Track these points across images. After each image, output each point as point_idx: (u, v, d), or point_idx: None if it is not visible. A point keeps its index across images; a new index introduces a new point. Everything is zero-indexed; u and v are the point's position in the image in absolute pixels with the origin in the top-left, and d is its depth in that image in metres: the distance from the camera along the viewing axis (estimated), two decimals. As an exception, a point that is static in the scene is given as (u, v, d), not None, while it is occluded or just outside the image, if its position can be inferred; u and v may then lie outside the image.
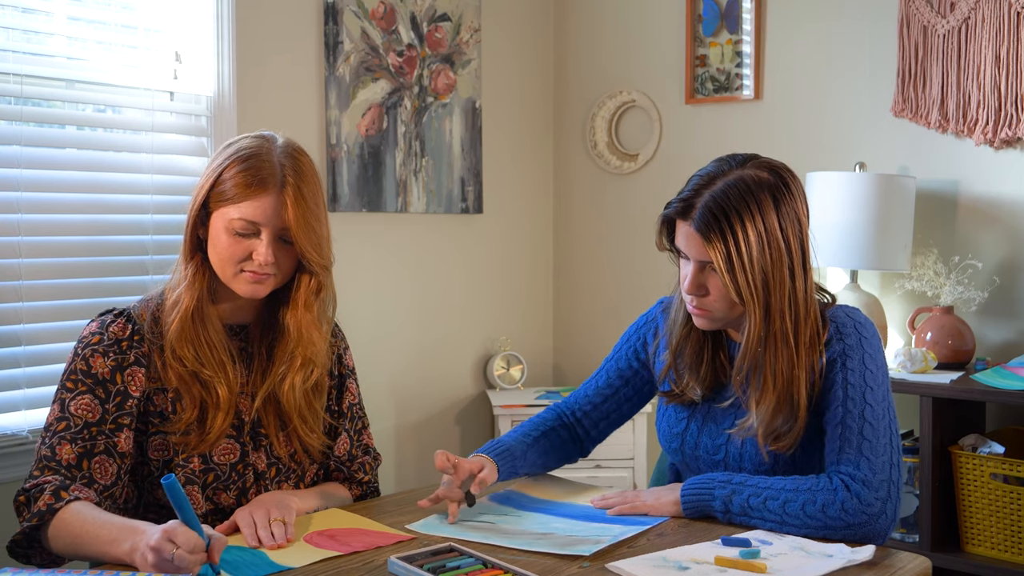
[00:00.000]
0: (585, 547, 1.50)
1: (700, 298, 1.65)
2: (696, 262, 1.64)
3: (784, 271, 1.60)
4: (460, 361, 3.41)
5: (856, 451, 1.58)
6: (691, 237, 1.62)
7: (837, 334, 1.67)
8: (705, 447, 1.75)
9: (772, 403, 1.62)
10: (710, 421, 1.75)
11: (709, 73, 3.30)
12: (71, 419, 1.59)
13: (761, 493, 1.60)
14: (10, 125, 2.26)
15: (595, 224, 3.61)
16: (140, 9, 2.52)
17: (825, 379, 1.65)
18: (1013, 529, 2.51)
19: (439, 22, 3.22)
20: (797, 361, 1.62)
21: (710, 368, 1.74)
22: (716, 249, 1.58)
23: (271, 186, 1.63)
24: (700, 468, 1.78)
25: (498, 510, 1.73)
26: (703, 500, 1.65)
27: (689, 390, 1.76)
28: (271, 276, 1.67)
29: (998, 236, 2.83)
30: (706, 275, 1.64)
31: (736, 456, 1.71)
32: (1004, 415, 2.81)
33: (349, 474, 1.84)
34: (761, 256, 1.58)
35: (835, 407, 1.62)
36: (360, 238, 3.05)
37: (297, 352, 1.72)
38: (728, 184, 1.61)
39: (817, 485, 1.57)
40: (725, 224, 1.58)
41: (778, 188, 1.62)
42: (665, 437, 1.83)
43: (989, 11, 2.75)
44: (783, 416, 1.63)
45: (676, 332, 1.77)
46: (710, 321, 1.68)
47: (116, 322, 1.66)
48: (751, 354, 1.63)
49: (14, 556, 1.56)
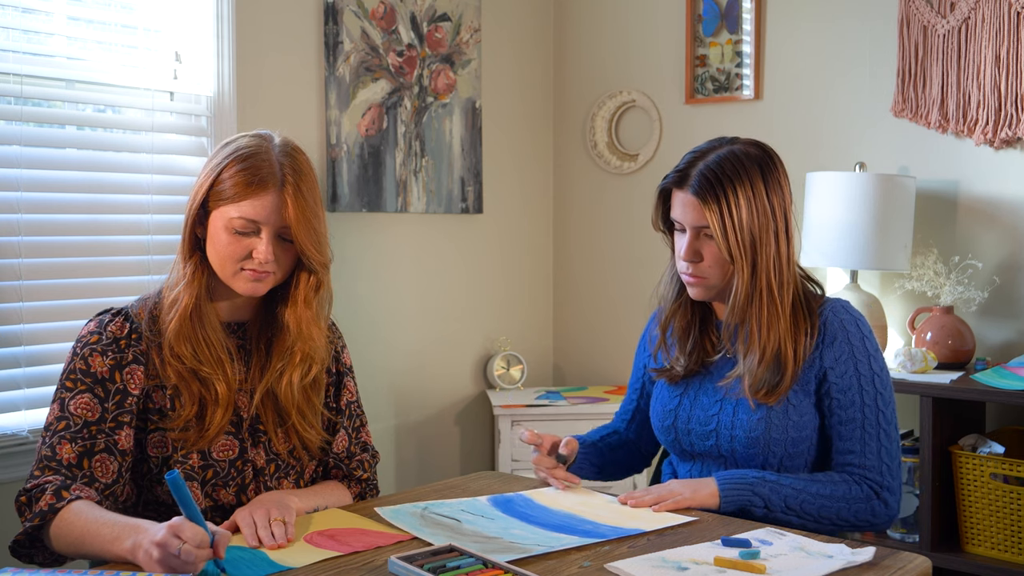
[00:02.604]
0: (512, 553, 1.46)
1: (695, 264, 1.78)
2: (692, 229, 1.77)
3: (770, 235, 1.75)
4: (460, 361, 3.41)
5: (877, 456, 1.74)
6: (688, 204, 1.76)
7: (842, 330, 1.78)
8: (697, 419, 1.84)
9: (758, 354, 1.76)
10: (702, 395, 1.86)
11: (709, 73, 3.30)
12: (71, 418, 1.60)
13: (799, 495, 1.71)
14: (10, 125, 2.26)
15: (595, 224, 3.61)
16: (140, 9, 2.52)
17: (837, 374, 1.77)
18: (1013, 529, 2.51)
19: (439, 22, 3.22)
20: (781, 316, 1.76)
21: (698, 344, 1.87)
22: (711, 211, 1.73)
23: (271, 185, 1.63)
24: (692, 443, 1.86)
25: (480, 510, 1.72)
26: (743, 496, 1.71)
27: (675, 362, 1.88)
28: (270, 274, 1.67)
29: (998, 236, 2.83)
30: (701, 242, 1.77)
31: (728, 424, 1.80)
32: (1004, 415, 2.81)
33: (348, 472, 1.84)
34: (750, 219, 1.73)
35: (852, 410, 1.76)
36: (360, 238, 3.05)
37: (296, 348, 1.72)
38: (720, 156, 1.77)
39: (850, 493, 1.72)
40: (719, 189, 1.73)
41: (764, 162, 1.78)
42: (658, 417, 1.91)
43: (989, 11, 2.75)
44: (770, 369, 1.76)
45: (666, 308, 1.92)
46: (704, 289, 1.80)
47: (114, 321, 1.67)
48: (740, 308, 1.77)
49: (17, 556, 1.56)
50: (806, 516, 1.70)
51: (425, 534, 1.56)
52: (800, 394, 1.77)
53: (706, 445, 1.83)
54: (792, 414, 1.76)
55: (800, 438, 1.77)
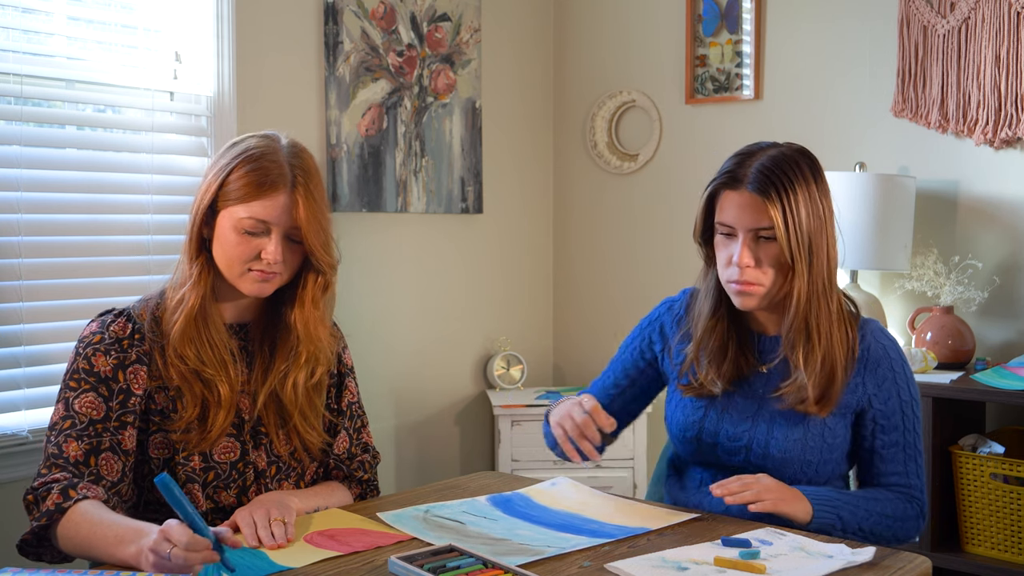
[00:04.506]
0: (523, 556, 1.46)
1: (751, 270, 1.68)
2: (748, 232, 1.68)
3: (823, 238, 1.70)
4: (460, 361, 3.41)
5: (917, 476, 1.76)
6: (746, 204, 1.68)
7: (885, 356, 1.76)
8: (726, 434, 1.77)
9: (819, 360, 1.70)
10: (731, 409, 1.78)
11: (709, 73, 3.30)
12: (76, 417, 1.60)
13: (869, 517, 1.69)
14: (10, 125, 2.26)
15: (595, 224, 3.61)
16: (140, 9, 2.52)
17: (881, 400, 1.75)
18: (1013, 529, 2.51)
19: (439, 22, 3.22)
20: (835, 321, 1.71)
21: (733, 363, 1.78)
22: (775, 208, 1.64)
23: (281, 186, 1.64)
24: (717, 456, 1.78)
25: (482, 511, 1.72)
26: (830, 518, 1.65)
27: (709, 383, 1.78)
28: (277, 275, 1.68)
29: (998, 236, 2.83)
30: (758, 245, 1.69)
31: (762, 442, 1.74)
32: (1004, 415, 2.81)
33: (349, 472, 1.84)
34: (808, 220, 1.67)
35: (896, 434, 1.75)
36: (360, 238, 3.05)
37: (301, 349, 1.72)
38: (773, 156, 1.70)
39: (905, 512, 1.73)
40: (780, 186, 1.65)
41: (813, 164, 1.73)
42: (679, 426, 1.83)
43: (989, 11, 2.75)
44: (828, 376, 1.70)
45: (701, 324, 1.81)
46: (757, 298, 1.71)
47: (116, 321, 1.67)
48: (801, 314, 1.69)
49: (24, 555, 1.55)
50: (870, 535, 1.68)
51: (430, 537, 1.56)
52: (837, 416, 1.74)
53: (734, 460, 1.77)
54: (827, 436, 1.73)
55: (831, 459, 1.75)
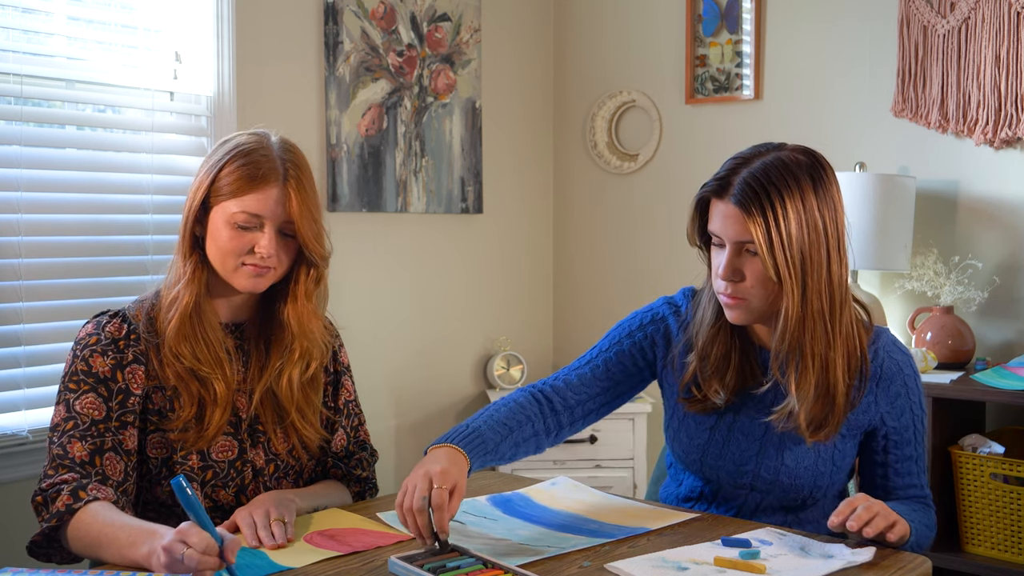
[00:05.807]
0: (523, 556, 1.46)
1: (736, 284, 1.60)
2: (733, 244, 1.59)
3: (821, 253, 1.58)
4: (460, 361, 3.41)
5: (927, 484, 1.76)
6: (729, 215, 1.58)
7: (899, 373, 1.70)
8: (732, 458, 1.70)
9: (812, 386, 1.61)
10: (736, 431, 1.71)
11: (709, 73, 3.30)
12: (78, 417, 1.59)
13: (919, 529, 1.64)
14: (10, 125, 2.26)
15: (595, 224, 3.61)
16: (140, 9, 2.52)
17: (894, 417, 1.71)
18: (1013, 529, 2.51)
19: (439, 22, 3.22)
20: (833, 344, 1.61)
21: (737, 372, 1.69)
22: (756, 224, 1.54)
23: (273, 180, 1.65)
24: (720, 478, 1.73)
25: (482, 511, 1.72)
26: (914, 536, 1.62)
27: (712, 394, 1.70)
28: (271, 269, 1.68)
29: (998, 236, 2.83)
30: (743, 259, 1.59)
31: (771, 469, 1.68)
32: (1004, 415, 2.81)
33: (347, 470, 1.84)
34: (800, 235, 1.55)
35: (909, 448, 1.73)
36: (360, 238, 3.05)
37: (295, 345, 1.73)
38: (766, 163, 1.58)
39: (931, 520, 1.72)
40: (765, 200, 1.55)
41: (815, 171, 1.60)
42: (684, 449, 1.76)
43: (989, 11, 2.75)
44: (823, 402, 1.62)
45: (703, 333, 1.71)
46: (745, 313, 1.62)
47: (112, 322, 1.67)
48: (790, 335, 1.59)
49: (34, 556, 1.55)
50: (915, 546, 1.61)
51: None
52: (847, 437, 1.69)
53: (738, 482, 1.71)
54: (838, 458, 1.70)
55: (839, 479, 1.73)
